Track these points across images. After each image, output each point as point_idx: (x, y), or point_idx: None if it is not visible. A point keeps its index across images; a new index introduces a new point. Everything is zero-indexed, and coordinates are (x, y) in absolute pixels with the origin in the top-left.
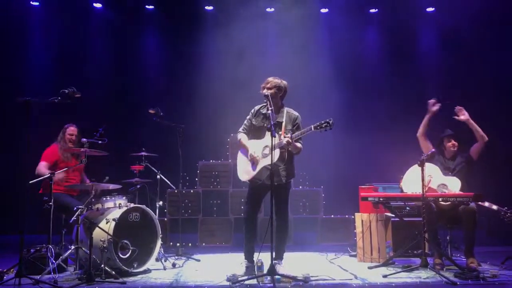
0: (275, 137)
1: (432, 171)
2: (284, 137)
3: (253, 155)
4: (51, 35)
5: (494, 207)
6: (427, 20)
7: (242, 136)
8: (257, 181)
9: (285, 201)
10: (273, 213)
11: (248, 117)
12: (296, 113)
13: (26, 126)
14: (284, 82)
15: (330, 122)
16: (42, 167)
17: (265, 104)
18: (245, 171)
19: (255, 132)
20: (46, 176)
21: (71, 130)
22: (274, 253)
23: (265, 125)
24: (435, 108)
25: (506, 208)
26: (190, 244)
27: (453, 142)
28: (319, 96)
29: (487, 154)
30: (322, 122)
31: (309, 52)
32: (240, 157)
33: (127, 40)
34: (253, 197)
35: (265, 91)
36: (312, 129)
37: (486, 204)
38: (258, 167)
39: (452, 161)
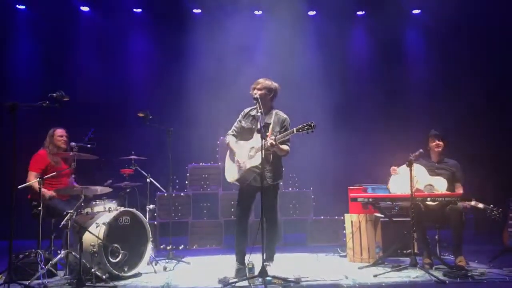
0: (265, 139)
1: (418, 171)
2: (269, 139)
3: (239, 160)
4: (38, 39)
5: (480, 205)
6: (413, 22)
7: (230, 139)
8: (244, 181)
9: (274, 203)
10: (263, 215)
11: (238, 119)
12: (285, 116)
13: (13, 130)
14: (275, 84)
15: (312, 124)
16: (33, 178)
17: (255, 106)
18: (231, 173)
19: (244, 134)
20: (35, 181)
21: (60, 132)
22: (264, 255)
23: (254, 126)
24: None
25: (492, 206)
26: (180, 247)
27: (437, 142)
28: (307, 98)
29: (472, 155)
30: (305, 124)
31: (297, 54)
32: (228, 158)
33: (115, 44)
34: (243, 199)
35: (255, 93)
36: (295, 131)
37: (473, 203)
38: (244, 169)
39: (438, 164)
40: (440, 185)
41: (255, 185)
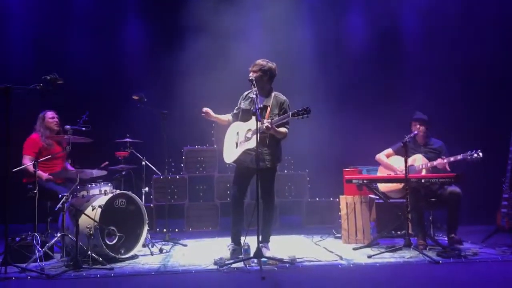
0: (260, 121)
1: (396, 161)
2: (266, 122)
3: (236, 141)
4: (30, 22)
5: (459, 156)
6: (411, 4)
7: (227, 116)
8: (242, 163)
9: (270, 185)
10: (259, 197)
11: (239, 100)
12: (284, 98)
13: (6, 114)
14: (270, 64)
15: (308, 109)
16: (28, 162)
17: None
18: (228, 154)
19: (243, 115)
20: (30, 164)
21: (51, 114)
22: (260, 237)
23: (252, 108)
24: None
25: (469, 151)
26: (177, 230)
27: (418, 126)
28: (303, 79)
29: (466, 135)
30: (300, 109)
31: (293, 35)
32: (227, 139)
33: (108, 25)
34: (239, 180)
35: (250, 75)
36: (290, 116)
37: (452, 159)
38: (240, 151)
39: (424, 147)
40: (420, 159)
41: (253, 167)
